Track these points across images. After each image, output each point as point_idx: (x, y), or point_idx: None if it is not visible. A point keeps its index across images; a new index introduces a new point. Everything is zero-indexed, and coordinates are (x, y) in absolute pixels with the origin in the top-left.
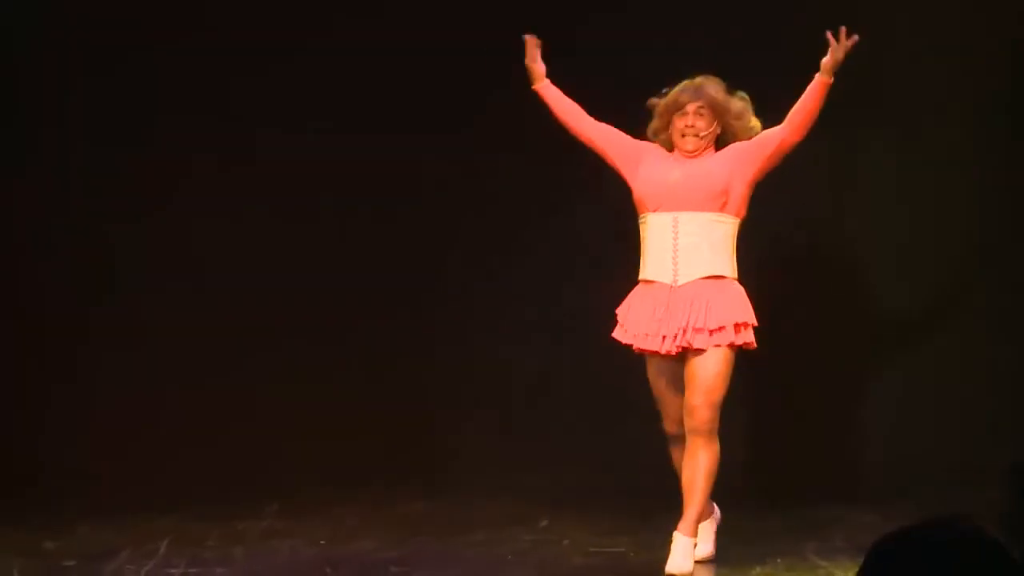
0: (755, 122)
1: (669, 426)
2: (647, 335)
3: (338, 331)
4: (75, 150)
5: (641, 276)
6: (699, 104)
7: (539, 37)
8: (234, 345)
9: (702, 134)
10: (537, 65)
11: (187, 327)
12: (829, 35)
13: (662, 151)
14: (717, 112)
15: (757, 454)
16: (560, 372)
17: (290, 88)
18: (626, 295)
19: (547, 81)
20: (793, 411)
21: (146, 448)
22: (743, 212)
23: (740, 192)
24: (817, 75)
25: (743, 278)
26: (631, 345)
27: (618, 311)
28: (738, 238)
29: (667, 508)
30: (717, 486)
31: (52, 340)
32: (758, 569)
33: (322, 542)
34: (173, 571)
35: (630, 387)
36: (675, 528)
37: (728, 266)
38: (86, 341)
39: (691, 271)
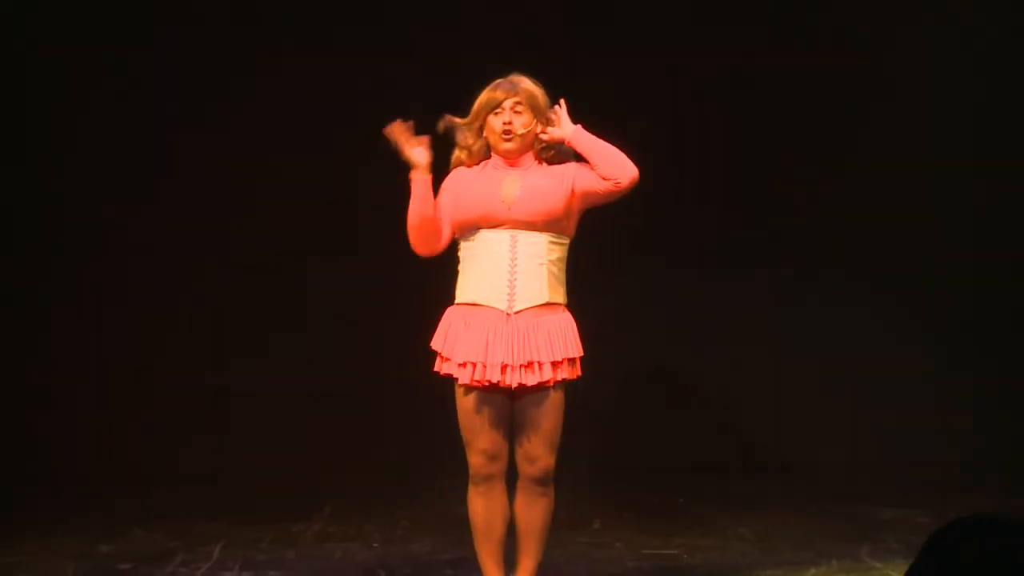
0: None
1: (481, 464)
2: (484, 365)
3: (393, 334)
4: (80, 148)
5: (461, 299)
6: (516, 99)
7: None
8: (288, 349)
9: (522, 131)
10: (421, 150)
11: (238, 330)
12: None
13: (471, 170)
14: (535, 110)
15: (808, 457)
16: (616, 372)
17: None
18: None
19: (429, 176)
20: (845, 414)
21: (200, 451)
22: (574, 232)
23: (575, 214)
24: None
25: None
26: (451, 376)
27: (435, 344)
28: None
29: (721, 511)
30: (773, 486)
31: (106, 345)
32: (812, 571)
33: (376, 544)
34: (227, 574)
35: (682, 390)
36: None
37: (562, 293)
38: (138, 347)
39: (528, 298)
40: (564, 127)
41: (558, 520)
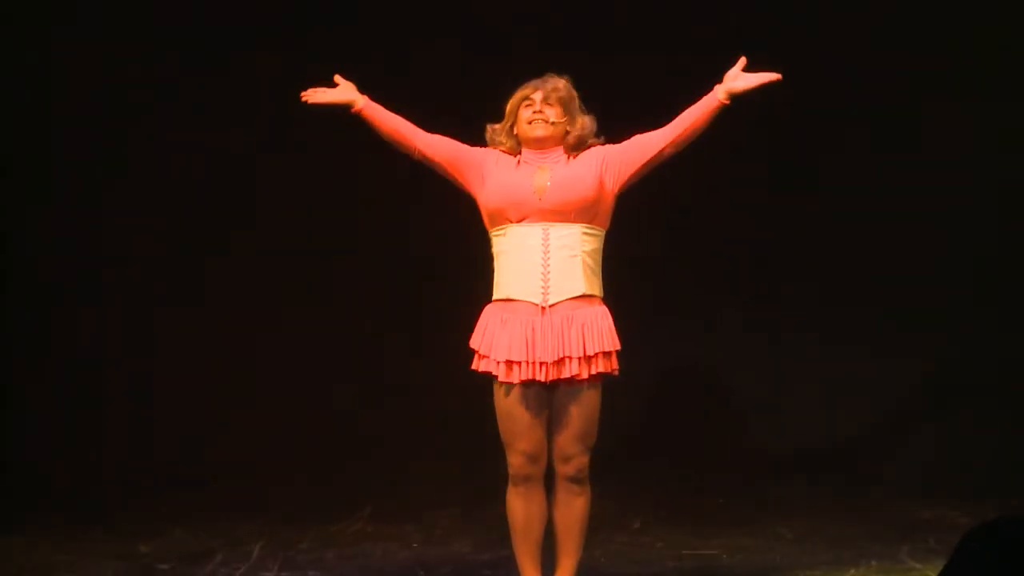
0: (589, 131)
1: (521, 465)
2: (520, 363)
3: (431, 333)
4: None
5: (498, 295)
6: (545, 93)
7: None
8: (330, 350)
9: (552, 120)
10: (342, 88)
11: (280, 335)
12: (744, 61)
13: (507, 156)
14: (565, 106)
15: (847, 457)
16: (655, 369)
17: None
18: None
19: (366, 98)
20: (884, 415)
21: (239, 451)
22: (609, 223)
23: (609, 201)
24: (716, 93)
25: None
26: (490, 374)
27: (473, 342)
28: (604, 252)
29: (760, 511)
30: (812, 486)
31: (145, 344)
32: (852, 571)
33: (415, 545)
34: (266, 574)
35: (722, 389)
36: None
37: (598, 285)
38: (177, 345)
39: (562, 290)
40: (746, 86)
41: (598, 520)
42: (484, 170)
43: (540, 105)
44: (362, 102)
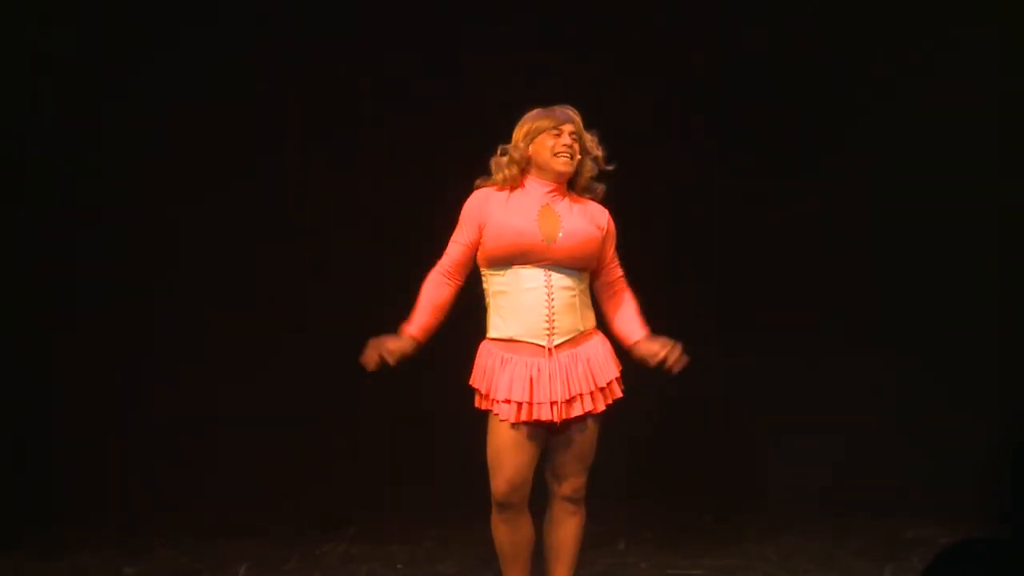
0: (600, 186)
1: (505, 493)
2: (529, 404)
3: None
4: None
5: (497, 334)
6: (573, 128)
7: None
8: (309, 370)
9: (577, 157)
10: (397, 343)
11: (263, 349)
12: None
13: (497, 194)
14: (582, 143)
15: (832, 475)
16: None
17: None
18: None
19: (411, 333)
20: (868, 432)
21: (224, 473)
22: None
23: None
24: (637, 344)
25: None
26: (490, 410)
27: (474, 381)
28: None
29: (745, 531)
30: (795, 506)
31: (123, 365)
32: None
33: (400, 566)
34: None
35: (707, 410)
36: None
37: (591, 317)
38: (158, 367)
39: (565, 330)
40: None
41: (583, 540)
42: (481, 223)
43: (569, 139)
44: (413, 342)
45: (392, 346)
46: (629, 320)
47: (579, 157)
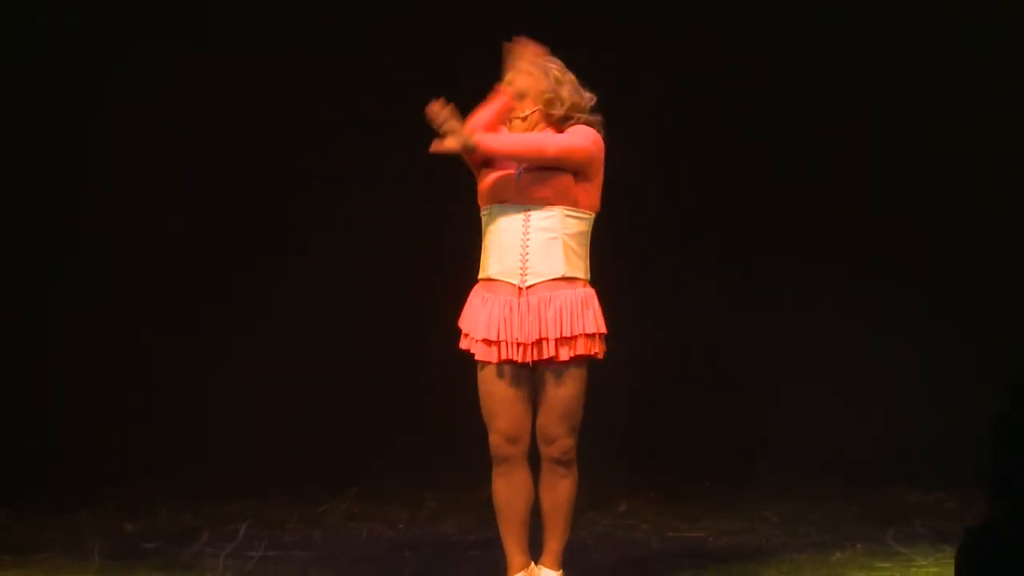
0: (576, 97)
1: (500, 445)
2: (498, 342)
3: (418, 313)
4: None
5: (482, 275)
6: (512, 90)
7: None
8: (309, 329)
9: (524, 115)
10: (455, 127)
11: (261, 314)
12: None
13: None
14: (535, 90)
15: (834, 441)
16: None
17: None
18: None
19: (476, 135)
20: (872, 398)
21: (225, 431)
22: (598, 205)
23: (589, 187)
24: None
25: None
26: (469, 352)
27: (460, 322)
28: (593, 234)
29: (746, 494)
30: (799, 469)
31: (126, 326)
32: (838, 555)
33: (401, 526)
34: (252, 554)
35: (709, 371)
36: (539, 561)
37: (582, 267)
38: (163, 326)
39: (540, 272)
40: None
41: (584, 502)
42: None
43: (512, 100)
44: (476, 143)
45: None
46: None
47: (532, 109)
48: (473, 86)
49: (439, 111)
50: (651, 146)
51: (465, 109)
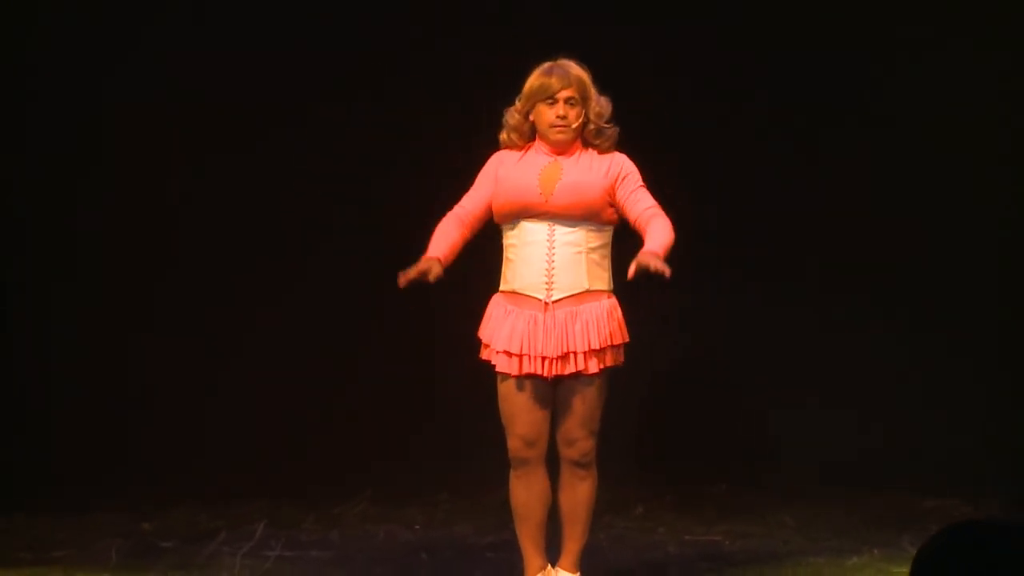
0: (611, 130)
1: (518, 448)
2: (520, 355)
3: (436, 319)
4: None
5: (504, 287)
6: (570, 92)
7: None
8: (332, 331)
9: (574, 126)
10: (424, 262)
11: (280, 312)
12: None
13: (514, 154)
14: (586, 99)
15: (850, 445)
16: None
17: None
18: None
19: (437, 258)
20: (887, 402)
21: (243, 432)
22: (617, 219)
23: (611, 209)
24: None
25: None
26: (490, 362)
27: (481, 332)
28: (613, 244)
29: (763, 498)
30: (815, 473)
31: (138, 325)
32: (854, 559)
33: (417, 527)
34: (269, 554)
35: (727, 377)
36: (557, 564)
37: (605, 279)
38: (179, 324)
39: (565, 287)
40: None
41: (601, 505)
42: (495, 182)
43: (563, 108)
44: (440, 266)
45: (417, 268)
46: (649, 237)
47: (578, 123)
48: (473, 85)
49: None
50: (651, 146)
51: (465, 109)
